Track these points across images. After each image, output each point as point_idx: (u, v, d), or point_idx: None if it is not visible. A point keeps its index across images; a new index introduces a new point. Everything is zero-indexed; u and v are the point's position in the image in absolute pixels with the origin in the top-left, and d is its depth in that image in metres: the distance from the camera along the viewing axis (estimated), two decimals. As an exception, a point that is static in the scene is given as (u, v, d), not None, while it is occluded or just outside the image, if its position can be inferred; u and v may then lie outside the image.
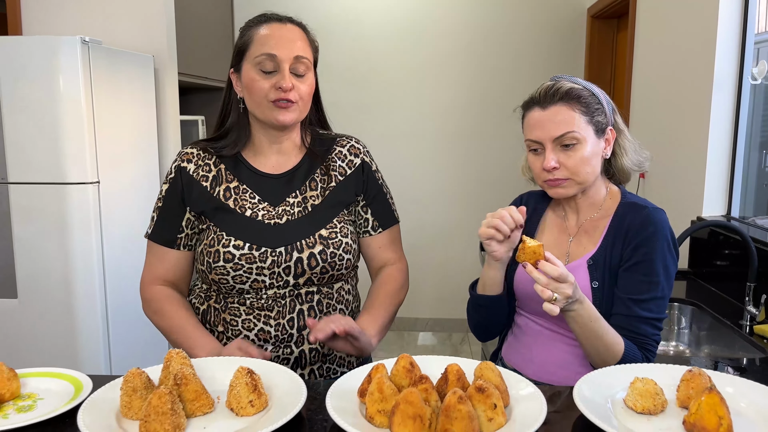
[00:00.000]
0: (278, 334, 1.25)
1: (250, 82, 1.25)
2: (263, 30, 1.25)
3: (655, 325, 1.18)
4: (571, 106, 1.19)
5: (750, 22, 2.18)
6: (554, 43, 3.91)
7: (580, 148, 1.19)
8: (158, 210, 1.32)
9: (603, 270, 1.21)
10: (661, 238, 1.17)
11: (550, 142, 1.20)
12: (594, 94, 1.23)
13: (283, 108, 1.24)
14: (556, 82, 1.24)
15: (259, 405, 0.86)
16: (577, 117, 1.19)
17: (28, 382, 0.97)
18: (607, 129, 1.24)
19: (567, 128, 1.18)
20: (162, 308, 1.30)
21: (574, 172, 1.20)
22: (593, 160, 1.21)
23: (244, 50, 1.26)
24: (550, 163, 1.19)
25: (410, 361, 0.93)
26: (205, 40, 3.62)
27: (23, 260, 2.43)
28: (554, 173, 1.20)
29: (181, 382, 0.84)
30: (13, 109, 2.36)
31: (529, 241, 1.06)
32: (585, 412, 0.84)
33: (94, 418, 0.81)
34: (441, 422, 0.80)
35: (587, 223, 1.28)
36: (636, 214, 1.21)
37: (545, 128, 1.20)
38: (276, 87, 1.23)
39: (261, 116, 1.27)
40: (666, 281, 1.18)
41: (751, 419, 0.87)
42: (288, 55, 1.23)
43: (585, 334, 1.12)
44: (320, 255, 1.25)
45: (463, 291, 3.93)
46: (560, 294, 1.04)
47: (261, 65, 1.23)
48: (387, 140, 4.06)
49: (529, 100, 1.27)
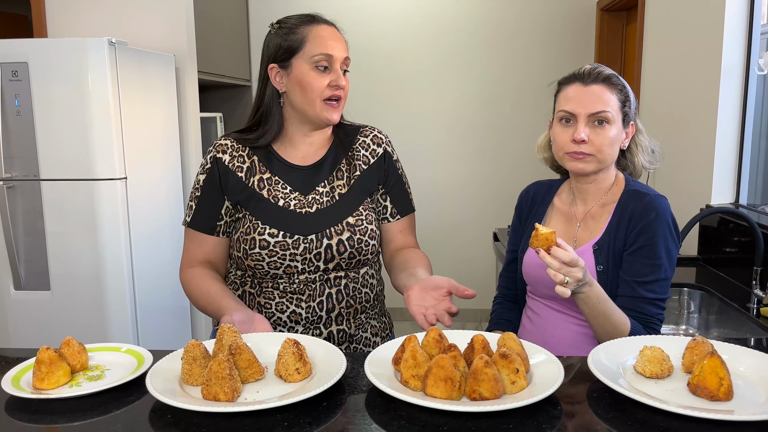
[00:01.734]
0: (309, 316, 1.33)
1: (305, 78, 1.30)
2: (319, 30, 1.32)
3: (659, 305, 1.25)
4: (610, 88, 1.28)
5: (756, 13, 2.24)
6: (565, 35, 3.97)
7: (609, 129, 1.27)
8: (197, 199, 1.38)
9: (608, 254, 1.28)
10: (662, 223, 1.24)
11: (585, 116, 1.27)
12: (626, 88, 1.32)
13: (333, 107, 1.33)
14: (598, 66, 1.32)
15: (304, 372, 0.96)
16: (612, 100, 1.27)
17: (94, 356, 1.07)
18: (631, 123, 1.33)
19: (603, 107, 1.26)
20: (198, 282, 1.34)
21: (599, 149, 1.27)
22: (615, 145, 1.30)
23: (296, 48, 1.31)
24: (581, 134, 1.26)
25: (439, 332, 1.02)
26: (222, 40, 3.71)
27: (55, 254, 2.53)
28: (581, 147, 1.27)
29: (235, 351, 0.94)
30: (44, 108, 2.45)
31: (541, 228, 1.11)
32: (598, 375, 0.93)
33: (161, 384, 0.91)
34: (469, 384, 0.89)
35: (593, 210, 1.35)
36: (639, 200, 1.28)
37: (583, 102, 1.27)
38: (332, 85, 1.30)
39: (311, 113, 1.33)
40: (668, 263, 1.25)
41: (750, 381, 0.96)
42: (341, 55, 1.32)
43: (594, 314, 1.19)
44: (348, 241, 1.33)
45: (477, 281, 4.06)
46: (571, 277, 1.10)
47: (318, 63, 1.30)
48: (402, 133, 4.13)
49: (570, 76, 1.34)
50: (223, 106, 4.06)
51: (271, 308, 1.35)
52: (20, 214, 2.53)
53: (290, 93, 1.34)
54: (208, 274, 1.36)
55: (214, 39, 3.56)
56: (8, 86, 2.45)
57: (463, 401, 0.88)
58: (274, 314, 1.35)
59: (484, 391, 0.87)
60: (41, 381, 0.95)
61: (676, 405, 0.85)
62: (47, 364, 0.95)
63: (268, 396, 0.92)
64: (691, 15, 2.55)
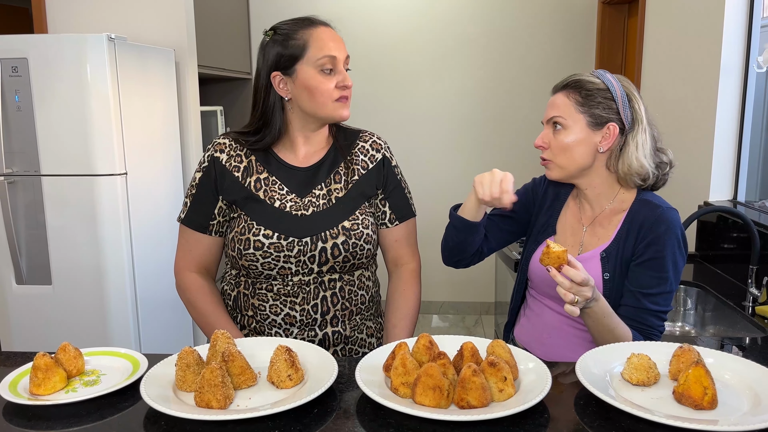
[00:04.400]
0: (303, 319, 1.35)
1: (312, 83, 1.30)
2: (319, 33, 1.31)
3: (661, 317, 1.25)
4: (568, 94, 1.29)
5: (756, 9, 2.23)
6: (566, 28, 3.95)
7: (563, 133, 1.28)
8: (192, 197, 1.38)
9: (615, 263, 1.27)
10: (672, 237, 1.23)
11: (545, 122, 1.32)
12: (605, 89, 1.26)
13: (344, 105, 1.34)
14: (575, 74, 1.33)
15: (296, 379, 0.97)
16: (569, 105, 1.28)
17: (90, 360, 1.09)
18: (608, 124, 1.26)
19: (555, 112, 1.29)
20: (195, 300, 1.39)
21: (554, 154, 1.30)
22: (577, 149, 1.27)
23: (299, 54, 1.30)
24: (537, 140, 1.32)
25: (429, 339, 1.03)
26: (222, 33, 3.70)
27: (56, 249, 2.55)
28: (543, 153, 1.32)
29: (228, 358, 0.95)
30: (45, 104, 2.46)
31: (553, 246, 1.09)
32: (585, 384, 0.94)
33: (155, 390, 0.92)
34: (458, 392, 0.90)
35: (602, 216, 1.34)
36: (650, 212, 1.26)
37: (546, 111, 1.33)
38: (339, 86, 1.31)
39: (323, 114, 1.33)
40: (674, 277, 1.24)
41: (735, 389, 0.97)
42: (343, 55, 1.33)
43: (597, 328, 1.19)
44: (343, 245, 1.33)
45: (476, 275, 4.05)
46: (581, 296, 1.10)
47: (323, 67, 1.29)
48: (401, 129, 4.13)
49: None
50: (224, 99, 4.06)
51: (266, 310, 1.36)
52: (21, 209, 2.54)
53: (297, 98, 1.33)
54: (207, 290, 1.40)
55: (214, 32, 3.55)
56: (8, 82, 2.46)
57: (451, 409, 0.90)
58: (268, 316, 1.36)
59: (472, 399, 0.89)
60: (38, 387, 0.97)
61: (660, 415, 0.86)
62: (44, 370, 0.97)
63: (260, 402, 0.93)
64: (690, 10, 2.54)
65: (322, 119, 1.36)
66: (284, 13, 3.75)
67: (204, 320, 1.38)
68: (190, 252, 1.40)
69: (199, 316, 1.39)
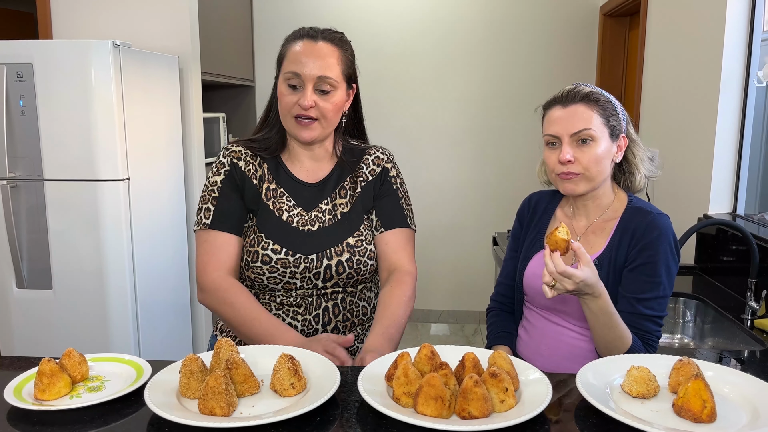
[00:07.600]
0: (304, 329, 1.35)
1: (280, 94, 1.33)
2: (296, 46, 1.31)
3: (657, 321, 1.27)
4: (590, 106, 1.29)
5: (757, 22, 2.24)
6: (567, 40, 3.98)
7: (594, 146, 1.28)
8: (215, 200, 1.34)
9: (608, 270, 1.30)
10: (664, 242, 1.26)
11: (568, 136, 1.29)
12: (611, 101, 1.33)
13: (303, 126, 1.31)
14: (577, 86, 1.33)
15: (299, 387, 0.98)
16: (594, 117, 1.29)
17: (94, 366, 1.09)
18: (621, 135, 1.33)
19: (584, 125, 1.28)
20: (232, 300, 1.29)
21: (586, 167, 1.29)
22: (605, 161, 1.30)
23: (280, 62, 1.35)
24: (566, 155, 1.28)
25: (431, 349, 1.04)
26: (226, 40, 3.72)
27: (58, 253, 2.55)
28: (568, 167, 1.29)
29: (231, 366, 0.96)
30: (49, 109, 2.47)
31: (560, 231, 1.15)
32: (585, 395, 0.95)
33: (159, 397, 0.93)
34: (459, 403, 0.91)
35: (595, 225, 1.36)
36: (642, 218, 1.29)
37: (564, 124, 1.29)
38: (298, 104, 1.30)
39: (286, 128, 1.36)
40: (668, 281, 1.26)
41: (734, 402, 0.98)
42: (312, 75, 1.28)
43: (597, 324, 1.21)
44: (347, 262, 1.34)
45: (476, 283, 4.08)
46: (560, 285, 1.14)
47: (289, 81, 1.30)
48: (403, 134, 4.15)
49: (551, 100, 1.36)
50: (226, 106, 4.08)
51: None
52: (24, 213, 2.55)
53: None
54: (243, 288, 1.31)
55: (218, 39, 3.57)
56: (13, 87, 2.47)
57: (452, 419, 0.91)
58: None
59: (473, 409, 0.90)
60: (42, 392, 0.97)
61: (660, 427, 0.87)
62: (48, 376, 0.97)
63: (263, 410, 0.94)
64: (691, 22, 2.56)
65: (288, 133, 1.37)
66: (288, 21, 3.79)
67: (249, 315, 1.27)
68: (216, 255, 1.32)
69: (241, 311, 1.28)
